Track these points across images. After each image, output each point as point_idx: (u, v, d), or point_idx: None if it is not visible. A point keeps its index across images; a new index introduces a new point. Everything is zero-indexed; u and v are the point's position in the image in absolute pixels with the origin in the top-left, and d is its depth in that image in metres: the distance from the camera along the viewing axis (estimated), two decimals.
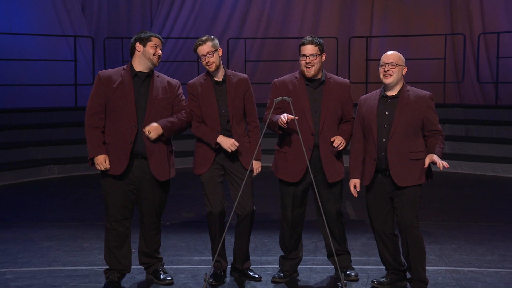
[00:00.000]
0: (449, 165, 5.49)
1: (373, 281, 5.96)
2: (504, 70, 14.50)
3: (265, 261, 6.72)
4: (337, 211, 6.07)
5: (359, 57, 15.12)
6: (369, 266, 6.55)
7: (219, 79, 6.04)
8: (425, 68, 15.34)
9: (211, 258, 6.19)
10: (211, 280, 5.99)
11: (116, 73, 5.86)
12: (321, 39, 6.01)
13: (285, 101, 5.71)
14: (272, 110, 5.78)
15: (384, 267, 6.00)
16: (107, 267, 5.99)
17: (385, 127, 5.65)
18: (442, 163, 5.44)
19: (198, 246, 7.30)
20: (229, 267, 6.25)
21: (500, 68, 14.25)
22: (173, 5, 16.36)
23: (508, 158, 12.27)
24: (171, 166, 5.94)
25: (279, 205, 6.17)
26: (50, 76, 14.40)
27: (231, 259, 6.26)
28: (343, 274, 5.95)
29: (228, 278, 6.15)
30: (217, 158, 6.03)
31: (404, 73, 5.72)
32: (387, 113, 5.68)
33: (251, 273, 6.19)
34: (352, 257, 6.39)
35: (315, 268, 6.49)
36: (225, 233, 5.83)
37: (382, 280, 5.92)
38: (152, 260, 6.08)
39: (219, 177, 6.05)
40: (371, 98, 5.82)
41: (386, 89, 5.76)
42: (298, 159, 5.91)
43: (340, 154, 6.04)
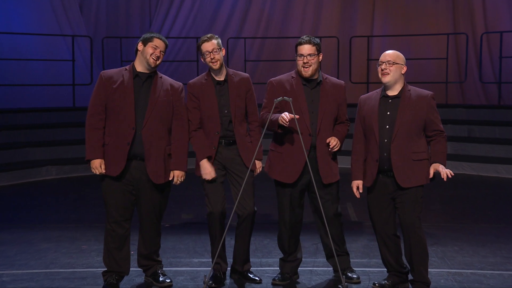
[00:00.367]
0: (453, 174, 5.53)
1: (374, 284, 5.92)
2: (507, 70, 14.46)
3: (265, 263, 6.70)
4: (335, 212, 6.04)
5: (360, 57, 15.08)
6: (370, 268, 6.53)
7: (220, 79, 6.02)
8: (427, 68, 15.30)
9: (211, 260, 6.18)
10: (210, 282, 5.97)
11: (118, 73, 5.83)
12: (318, 39, 5.99)
13: (282, 101, 5.68)
14: (272, 110, 5.76)
15: (385, 269, 5.97)
16: (105, 269, 5.97)
17: (387, 127, 5.63)
18: (446, 173, 5.48)
19: (197, 248, 7.30)
20: (229, 269, 6.23)
21: (503, 68, 14.22)
22: (172, 4, 16.33)
23: (511, 159, 12.23)
24: (169, 167, 5.89)
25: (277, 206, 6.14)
26: (48, 76, 14.36)
27: (231, 261, 6.24)
28: (344, 276, 5.94)
29: (227, 280, 6.13)
30: (218, 158, 6.01)
31: (403, 72, 5.69)
32: (388, 114, 5.65)
33: (251, 275, 6.16)
34: (353, 259, 6.38)
35: (316, 270, 6.48)
36: (225, 233, 5.83)
37: (383, 282, 5.90)
38: (151, 262, 6.05)
39: (220, 177, 6.02)
40: (371, 98, 5.78)
41: (386, 89, 5.72)
42: (295, 160, 5.89)
43: (335, 155, 6.03)
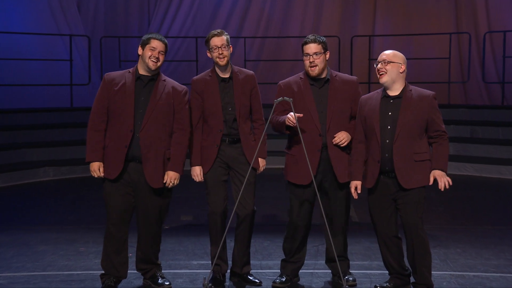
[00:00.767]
0: (451, 183, 5.54)
1: (376, 286, 5.90)
2: (510, 69, 14.43)
3: (265, 266, 6.68)
4: (346, 215, 6.04)
5: (361, 56, 15.09)
6: (371, 270, 6.52)
7: (225, 76, 6.00)
8: (429, 67, 15.28)
9: (210, 262, 6.17)
10: (210, 285, 5.97)
11: (121, 75, 5.86)
12: (323, 37, 5.97)
13: (289, 103, 5.67)
14: (273, 110, 5.80)
15: (387, 272, 5.93)
16: (103, 271, 5.96)
17: (389, 128, 5.60)
18: (445, 182, 5.51)
19: (196, 250, 7.29)
20: (229, 271, 6.21)
21: (506, 67, 14.18)
22: (172, 3, 16.27)
23: None
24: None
25: (280, 208, 6.23)
26: (45, 76, 14.30)
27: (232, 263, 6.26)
28: (345, 279, 5.94)
29: (227, 283, 6.12)
30: (221, 156, 6.00)
31: (401, 71, 5.64)
32: (390, 114, 5.62)
33: (251, 278, 6.13)
34: (354, 262, 6.40)
35: (317, 272, 6.46)
36: (225, 232, 5.82)
37: (385, 285, 5.87)
38: (149, 265, 6.03)
39: (223, 176, 6.03)
40: (372, 98, 5.75)
41: (387, 89, 5.70)
42: (307, 162, 5.84)
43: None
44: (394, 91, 5.65)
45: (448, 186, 5.50)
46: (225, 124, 5.95)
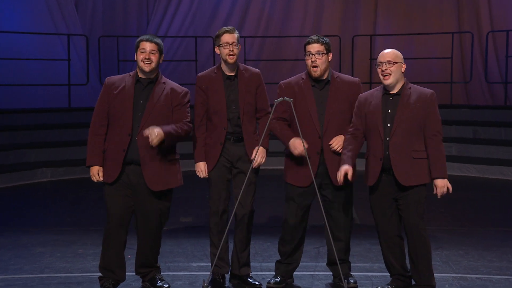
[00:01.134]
0: (451, 190, 5.58)
1: None
2: None
3: (266, 268, 6.64)
4: (346, 217, 6.01)
5: (362, 56, 15.09)
6: (373, 272, 6.51)
7: (231, 74, 5.99)
8: (431, 67, 15.27)
9: (210, 264, 6.17)
10: (209, 287, 5.96)
11: (121, 79, 5.88)
12: (327, 38, 5.98)
13: (288, 103, 5.67)
14: (273, 111, 5.83)
15: (388, 274, 5.91)
16: (101, 274, 5.96)
17: (389, 125, 5.63)
18: (443, 191, 5.56)
19: (196, 252, 7.27)
20: (229, 273, 6.21)
21: (509, 67, 14.15)
22: (171, 2, 16.21)
23: None
24: (170, 175, 5.83)
25: (281, 209, 6.15)
26: (42, 75, 14.25)
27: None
28: (346, 281, 5.93)
29: (227, 285, 6.11)
30: (225, 154, 5.99)
31: (403, 70, 5.68)
32: (390, 112, 5.65)
33: (251, 280, 6.10)
34: (355, 263, 6.43)
35: (317, 275, 6.43)
36: (226, 231, 5.83)
37: (387, 287, 5.83)
38: (148, 269, 6.01)
39: (226, 176, 6.03)
40: (373, 96, 5.77)
41: (389, 88, 5.71)
42: (307, 163, 5.81)
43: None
44: (393, 89, 5.68)
45: (444, 193, 5.56)
46: (229, 122, 5.95)
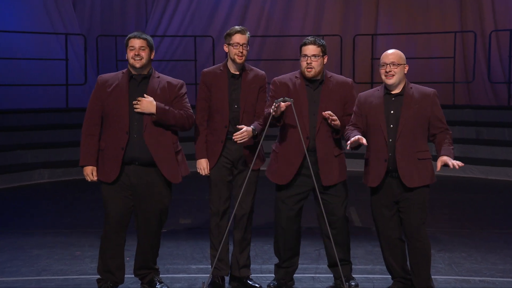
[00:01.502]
0: (463, 164, 5.48)
1: None
2: None
3: (266, 270, 6.61)
4: (340, 217, 5.97)
5: (364, 55, 15.07)
6: (374, 275, 6.51)
7: (236, 72, 6.00)
8: (433, 67, 15.24)
9: (209, 266, 6.17)
10: None
11: (114, 76, 5.85)
12: (323, 40, 5.98)
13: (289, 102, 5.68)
14: (268, 107, 5.81)
15: (390, 276, 5.93)
16: (99, 276, 5.96)
17: (392, 126, 5.63)
18: (454, 163, 5.43)
19: (195, 254, 7.25)
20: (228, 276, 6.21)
21: None
22: (170, 1, 16.18)
23: None
24: (181, 165, 5.83)
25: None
26: (40, 75, 14.20)
27: None
28: (347, 284, 5.95)
29: (227, 287, 6.11)
30: (226, 154, 5.99)
31: (406, 71, 5.71)
32: (392, 112, 5.65)
33: (250, 283, 6.09)
34: (356, 266, 6.44)
35: (318, 277, 6.43)
36: (226, 232, 5.83)
37: None
38: (147, 270, 6.00)
39: (228, 176, 6.04)
40: (374, 95, 5.77)
41: (391, 88, 5.71)
42: (290, 161, 5.89)
43: (340, 158, 5.93)
44: (395, 89, 5.67)
45: (458, 167, 5.40)
46: (231, 121, 5.94)
